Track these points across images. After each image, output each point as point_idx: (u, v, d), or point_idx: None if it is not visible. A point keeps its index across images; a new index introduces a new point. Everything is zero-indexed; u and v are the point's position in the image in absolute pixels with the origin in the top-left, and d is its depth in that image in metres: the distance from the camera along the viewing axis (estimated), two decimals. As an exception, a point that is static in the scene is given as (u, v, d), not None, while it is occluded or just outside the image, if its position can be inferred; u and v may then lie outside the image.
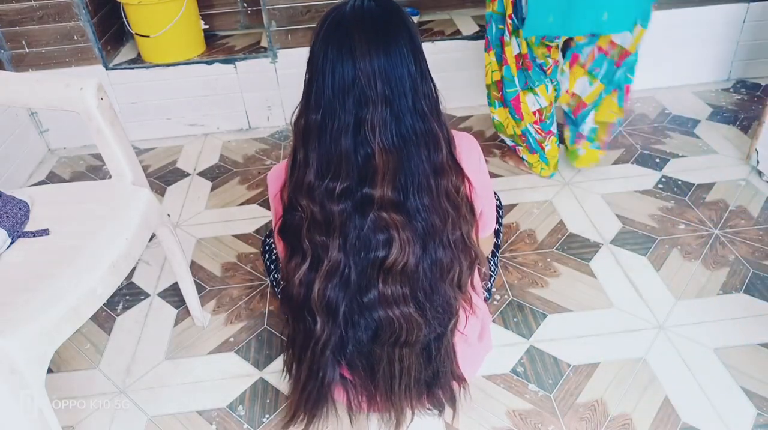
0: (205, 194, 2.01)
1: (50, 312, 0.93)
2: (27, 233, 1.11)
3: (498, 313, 1.45)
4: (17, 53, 2.16)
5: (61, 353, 1.42)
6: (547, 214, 1.78)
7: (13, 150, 2.12)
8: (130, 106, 2.29)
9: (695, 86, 2.41)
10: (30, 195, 1.21)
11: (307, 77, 0.88)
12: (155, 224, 1.23)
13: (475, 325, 1.12)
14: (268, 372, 1.34)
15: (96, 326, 1.50)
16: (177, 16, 2.14)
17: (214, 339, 1.44)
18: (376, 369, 1.02)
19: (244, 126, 2.39)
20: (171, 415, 1.27)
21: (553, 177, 1.93)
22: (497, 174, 1.98)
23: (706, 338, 1.33)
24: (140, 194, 1.21)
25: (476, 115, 2.34)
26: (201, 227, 1.85)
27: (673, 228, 1.67)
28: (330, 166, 0.89)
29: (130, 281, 1.64)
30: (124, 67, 2.23)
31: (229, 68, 2.24)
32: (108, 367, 1.39)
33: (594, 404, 1.22)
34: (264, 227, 1.82)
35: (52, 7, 2.08)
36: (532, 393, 1.25)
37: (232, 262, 1.69)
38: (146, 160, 2.23)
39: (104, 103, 1.17)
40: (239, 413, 1.26)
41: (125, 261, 1.08)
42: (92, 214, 1.16)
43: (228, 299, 1.55)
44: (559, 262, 1.59)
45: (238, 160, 2.19)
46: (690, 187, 1.83)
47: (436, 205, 0.92)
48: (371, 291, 0.94)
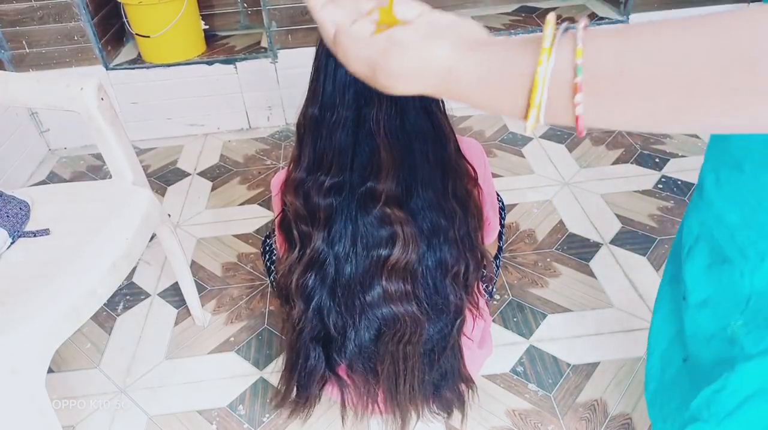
0: (205, 194, 2.01)
1: (51, 312, 0.93)
2: (27, 233, 1.11)
3: (498, 313, 1.45)
4: (18, 53, 2.16)
5: (61, 353, 1.42)
6: (547, 213, 1.78)
7: (13, 150, 2.12)
8: (131, 107, 2.29)
9: (695, 86, 2.41)
10: (30, 195, 1.21)
11: (311, 77, 0.89)
12: (156, 223, 1.23)
13: (477, 329, 1.12)
14: (268, 372, 1.34)
15: (96, 325, 1.50)
16: (177, 16, 2.14)
17: (214, 339, 1.44)
18: (379, 369, 1.02)
19: (245, 126, 2.39)
20: (171, 414, 1.27)
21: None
22: (497, 174, 1.98)
23: (706, 338, 1.33)
24: (141, 194, 1.21)
25: (476, 115, 2.34)
26: (201, 226, 1.85)
27: (672, 228, 1.67)
28: (323, 161, 0.89)
29: (131, 280, 1.64)
30: (124, 67, 2.24)
31: (230, 68, 2.24)
32: (108, 367, 1.39)
33: (594, 403, 1.22)
34: (264, 226, 1.82)
35: (52, 7, 2.08)
36: (531, 393, 1.25)
37: (233, 262, 1.69)
38: (146, 160, 2.23)
39: (104, 104, 1.17)
40: (239, 412, 1.26)
41: (126, 261, 1.08)
42: (93, 214, 1.16)
43: (228, 299, 1.56)
44: (559, 262, 1.59)
45: (238, 160, 2.19)
46: (690, 187, 1.84)
47: (442, 203, 0.92)
48: (375, 288, 0.94)
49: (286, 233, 1.00)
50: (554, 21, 0.36)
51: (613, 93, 0.33)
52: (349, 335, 0.99)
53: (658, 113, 0.32)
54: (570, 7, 2.42)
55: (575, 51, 0.33)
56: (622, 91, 0.32)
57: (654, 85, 0.31)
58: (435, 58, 0.38)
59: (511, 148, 2.12)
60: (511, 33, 2.24)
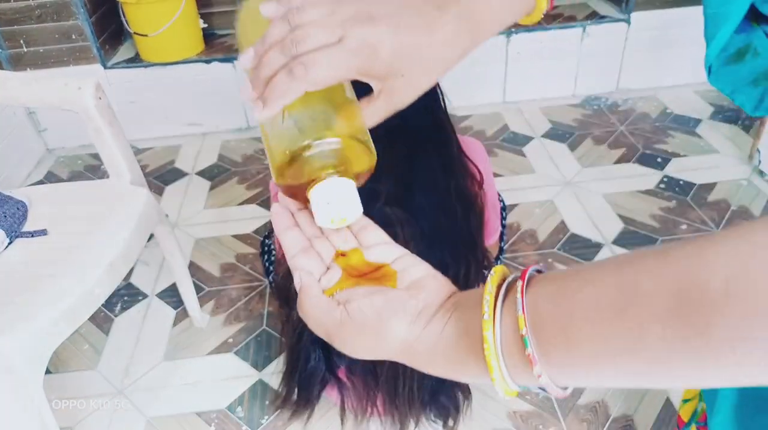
0: (203, 194, 2.00)
1: (48, 312, 0.93)
2: (25, 233, 1.10)
3: (499, 313, 1.44)
4: (15, 52, 2.15)
5: (59, 354, 1.41)
6: (549, 214, 1.77)
7: (10, 149, 2.11)
8: (129, 106, 2.28)
9: (697, 85, 2.40)
10: (28, 195, 1.20)
11: None
12: (154, 223, 1.23)
13: None
14: (267, 373, 1.33)
15: (94, 326, 1.49)
16: (176, 14, 2.13)
17: (212, 340, 1.43)
18: (378, 371, 1.01)
19: (243, 125, 2.38)
20: (170, 416, 1.26)
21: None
22: (498, 174, 1.97)
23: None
24: (138, 194, 1.20)
25: (476, 115, 2.33)
26: (200, 227, 1.84)
27: (674, 228, 1.67)
28: None
29: (129, 281, 1.63)
30: (122, 66, 2.22)
31: (228, 67, 2.23)
32: (106, 368, 1.38)
33: (595, 405, 1.21)
34: (263, 227, 1.81)
35: (50, 6, 2.07)
36: (532, 394, 1.24)
37: (231, 262, 1.68)
38: (144, 160, 2.22)
39: (102, 103, 1.16)
40: (238, 414, 1.25)
41: (123, 261, 1.07)
42: (90, 214, 1.15)
43: (227, 300, 1.55)
44: (561, 262, 1.58)
45: (237, 160, 2.18)
46: (692, 187, 1.83)
47: (444, 203, 0.91)
48: None
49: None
50: (496, 278, 0.34)
51: (569, 363, 0.30)
52: None
53: (624, 376, 0.29)
54: (571, 7, 2.41)
55: (518, 320, 0.31)
56: (576, 360, 0.30)
57: (606, 357, 0.29)
58: (390, 338, 0.36)
59: (512, 148, 2.11)
60: (512, 31, 2.23)
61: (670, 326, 0.26)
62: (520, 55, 2.28)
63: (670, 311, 0.26)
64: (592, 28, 2.24)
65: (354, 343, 0.38)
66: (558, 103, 2.36)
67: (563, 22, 2.27)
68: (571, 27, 2.24)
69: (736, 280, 0.25)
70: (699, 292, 0.25)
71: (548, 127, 2.21)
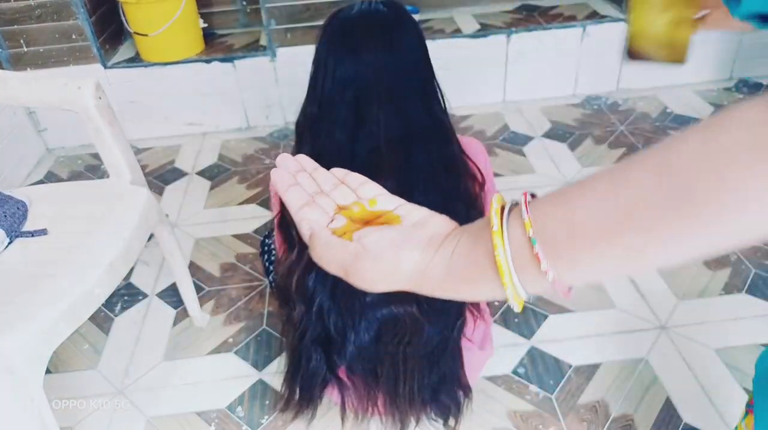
0: (203, 194, 2.00)
1: (48, 312, 0.93)
2: (25, 233, 1.10)
3: (499, 313, 1.44)
4: (15, 52, 2.15)
5: (59, 354, 1.41)
6: (548, 213, 1.77)
7: (11, 149, 2.11)
8: (129, 105, 2.28)
9: (697, 85, 2.40)
10: (28, 195, 1.20)
11: (311, 75, 0.88)
12: (154, 223, 1.23)
13: (478, 330, 1.11)
14: (267, 373, 1.33)
15: (94, 326, 1.49)
16: (176, 14, 2.13)
17: (212, 340, 1.43)
18: (379, 371, 1.01)
19: (243, 125, 2.38)
20: (170, 416, 1.26)
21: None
22: (498, 173, 1.97)
23: (708, 339, 1.32)
24: (138, 194, 1.20)
25: (476, 115, 2.33)
26: (200, 226, 1.84)
27: (674, 228, 1.67)
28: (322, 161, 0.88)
29: (129, 281, 1.63)
30: (122, 65, 2.22)
31: (228, 67, 2.23)
32: (106, 367, 1.38)
33: (595, 405, 1.21)
34: (263, 226, 1.81)
35: (50, 5, 2.07)
36: (533, 394, 1.24)
37: (231, 262, 1.68)
38: (144, 160, 2.22)
39: (102, 103, 1.16)
40: (238, 414, 1.25)
41: (123, 261, 1.07)
42: (90, 213, 1.15)
43: (227, 300, 1.55)
44: (560, 262, 1.58)
45: (237, 160, 2.18)
46: (691, 186, 1.83)
47: (445, 203, 0.91)
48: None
49: (285, 233, 0.99)
50: (499, 202, 0.38)
51: (573, 252, 0.34)
52: (349, 336, 0.98)
53: (623, 257, 0.33)
54: (571, 6, 2.41)
55: (524, 225, 0.35)
56: (579, 248, 0.34)
57: (605, 235, 0.32)
58: (405, 264, 0.39)
59: (512, 147, 2.11)
60: (512, 31, 2.23)
61: (655, 193, 0.30)
62: (521, 55, 2.28)
63: (654, 183, 0.31)
64: (592, 28, 2.24)
65: (372, 274, 0.40)
66: (558, 102, 2.36)
67: (563, 22, 2.27)
68: (571, 27, 2.25)
69: (707, 143, 0.30)
70: (677, 157, 0.30)
71: (548, 126, 2.21)
